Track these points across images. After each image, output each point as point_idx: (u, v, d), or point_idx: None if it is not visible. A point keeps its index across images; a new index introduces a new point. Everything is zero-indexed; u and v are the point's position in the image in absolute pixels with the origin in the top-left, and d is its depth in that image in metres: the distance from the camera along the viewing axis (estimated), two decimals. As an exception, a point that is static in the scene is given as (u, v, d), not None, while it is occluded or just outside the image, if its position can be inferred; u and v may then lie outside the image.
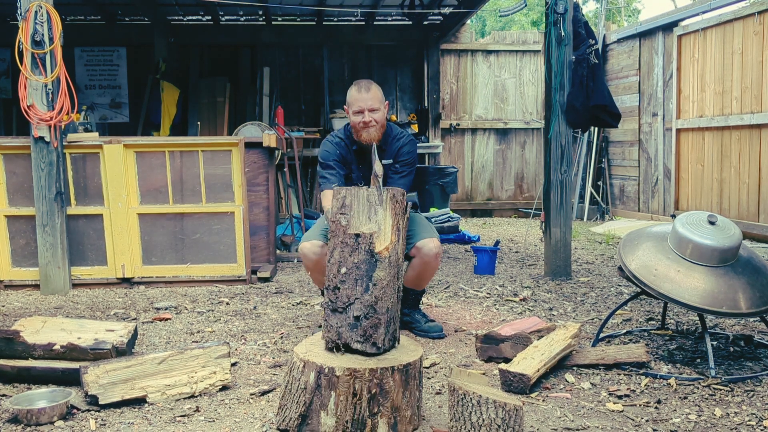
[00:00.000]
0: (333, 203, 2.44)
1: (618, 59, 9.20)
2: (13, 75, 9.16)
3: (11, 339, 2.87)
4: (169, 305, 4.33)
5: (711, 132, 7.31)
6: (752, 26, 6.66)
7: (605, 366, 3.03)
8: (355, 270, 2.36)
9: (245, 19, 9.60)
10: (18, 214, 4.86)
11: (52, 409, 2.50)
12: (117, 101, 9.49)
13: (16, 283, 4.90)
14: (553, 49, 4.93)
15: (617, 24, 13.14)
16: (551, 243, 5.09)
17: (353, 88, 3.54)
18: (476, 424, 2.12)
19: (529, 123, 9.89)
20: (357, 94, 3.50)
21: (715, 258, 3.00)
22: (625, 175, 9.09)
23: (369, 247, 2.35)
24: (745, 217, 6.77)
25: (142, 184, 4.96)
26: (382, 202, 2.40)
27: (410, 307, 3.73)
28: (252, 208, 5.30)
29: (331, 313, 2.40)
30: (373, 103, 3.48)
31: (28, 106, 4.59)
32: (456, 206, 9.55)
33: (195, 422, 2.49)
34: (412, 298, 3.73)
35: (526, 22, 21.79)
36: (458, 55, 9.82)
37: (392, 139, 3.64)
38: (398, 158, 3.61)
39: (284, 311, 4.21)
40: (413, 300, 3.74)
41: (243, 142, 5.00)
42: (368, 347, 2.35)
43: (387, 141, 3.62)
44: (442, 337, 3.60)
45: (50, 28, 4.59)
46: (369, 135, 3.51)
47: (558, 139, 5.00)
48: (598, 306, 4.26)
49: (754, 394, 2.74)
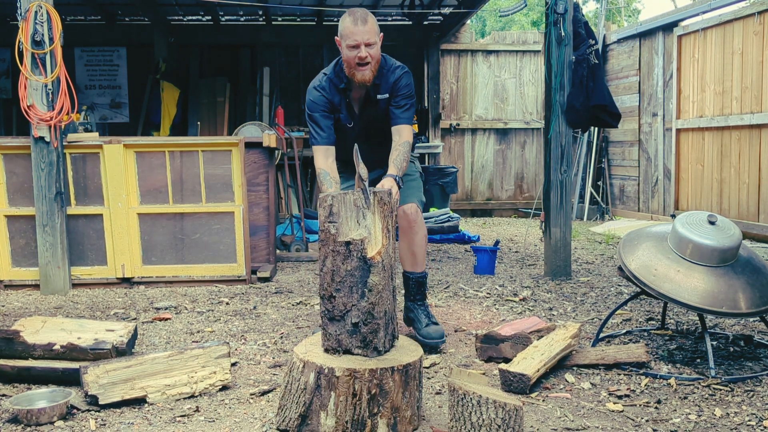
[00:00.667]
0: (320, 211, 2.37)
1: (618, 59, 9.20)
2: (13, 75, 9.16)
3: (11, 339, 2.87)
4: (169, 305, 4.33)
5: (711, 132, 7.31)
6: (752, 26, 6.66)
7: (605, 366, 3.03)
8: (349, 277, 2.35)
9: (245, 19, 9.60)
10: (18, 214, 4.86)
11: (52, 409, 2.50)
12: (117, 101, 9.49)
13: (16, 283, 4.90)
14: (553, 49, 4.93)
15: (617, 24, 13.15)
16: (551, 243, 5.09)
17: (348, 19, 3.19)
18: (476, 424, 2.12)
19: (529, 123, 9.89)
20: (353, 26, 3.16)
21: (715, 258, 3.00)
22: (625, 175, 9.09)
23: (361, 253, 2.33)
24: (745, 217, 6.77)
25: (142, 184, 4.96)
26: (370, 205, 2.39)
27: (413, 299, 3.44)
28: (252, 208, 5.30)
29: (329, 322, 2.40)
30: (370, 37, 3.16)
31: (28, 106, 4.60)
32: (456, 206, 9.55)
33: (195, 422, 2.50)
34: (412, 286, 3.43)
35: (526, 22, 21.79)
36: (458, 55, 9.82)
37: (387, 71, 3.35)
38: (396, 92, 3.34)
39: (284, 311, 4.21)
40: (416, 289, 3.42)
41: (243, 142, 5.00)
42: (369, 352, 2.36)
43: (381, 73, 3.33)
44: (438, 345, 3.31)
45: (50, 28, 4.59)
46: (363, 75, 3.23)
47: (558, 139, 5.00)
48: (598, 306, 4.26)
49: (754, 394, 2.74)
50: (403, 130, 3.31)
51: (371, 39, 3.18)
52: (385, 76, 3.36)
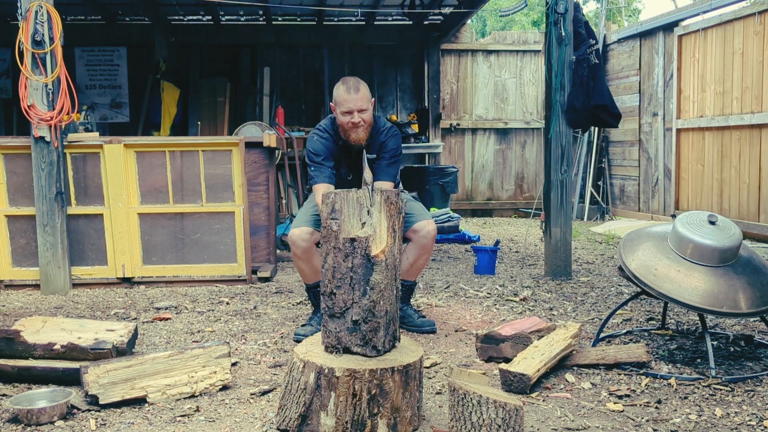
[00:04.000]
0: (322, 208, 2.41)
1: (618, 59, 9.20)
2: (13, 75, 9.16)
3: (12, 339, 2.87)
4: (170, 305, 4.33)
5: (711, 132, 7.31)
6: (752, 26, 6.66)
7: (605, 366, 3.03)
8: (350, 274, 2.34)
9: (245, 19, 9.60)
10: (18, 214, 4.86)
11: (53, 409, 2.50)
12: (117, 101, 9.49)
13: (16, 283, 4.90)
14: (553, 49, 4.93)
15: (617, 24, 13.15)
16: (551, 243, 5.09)
17: (341, 87, 3.52)
18: (476, 424, 2.12)
19: (529, 123, 9.89)
20: (346, 94, 3.48)
21: (716, 258, 3.00)
22: (626, 175, 9.09)
23: (365, 251, 2.33)
24: (746, 217, 6.77)
25: (142, 183, 4.96)
26: (374, 203, 2.39)
27: (402, 301, 3.71)
28: (252, 207, 5.30)
29: (329, 319, 2.39)
30: (362, 104, 3.48)
31: (28, 106, 4.60)
32: (456, 206, 9.55)
33: (195, 422, 2.50)
34: (404, 291, 3.70)
35: (527, 22, 21.79)
36: (458, 55, 9.82)
37: (377, 133, 3.66)
38: (383, 152, 3.64)
39: (284, 311, 4.21)
40: (405, 293, 3.73)
41: (243, 142, 5.00)
42: (368, 351, 2.35)
43: (371, 135, 3.64)
44: (434, 331, 3.67)
45: (50, 28, 4.59)
46: (357, 136, 3.55)
47: (558, 139, 5.00)
48: (598, 306, 4.26)
49: (755, 393, 2.74)
50: (383, 186, 3.57)
51: (363, 105, 3.49)
52: (375, 137, 3.66)
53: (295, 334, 3.55)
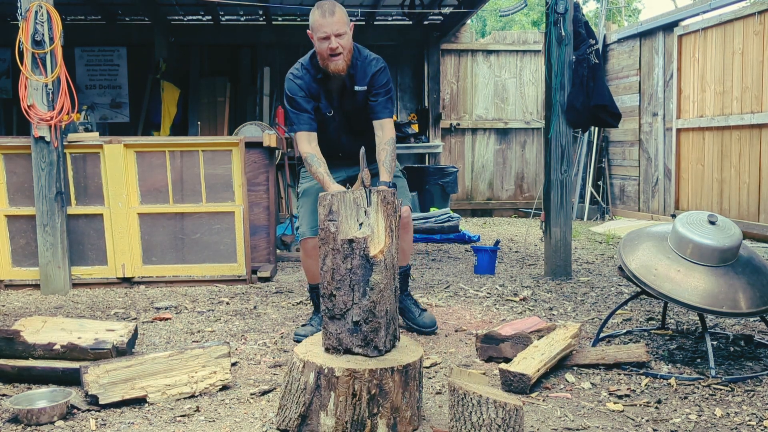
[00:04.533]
0: (319, 210, 2.39)
1: (618, 59, 9.20)
2: (13, 75, 9.16)
3: (11, 339, 2.87)
4: (170, 305, 4.33)
5: (711, 132, 7.31)
6: (752, 26, 6.66)
7: (605, 366, 3.03)
8: (349, 275, 2.34)
9: (245, 19, 9.60)
10: (18, 214, 4.86)
11: (53, 409, 2.50)
12: (117, 101, 9.50)
13: (16, 283, 4.90)
14: (553, 49, 4.93)
15: (617, 24, 13.14)
16: (551, 243, 5.09)
17: (316, 12, 3.28)
18: (476, 424, 2.12)
19: (529, 123, 9.89)
20: (321, 18, 3.25)
21: (716, 258, 3.00)
22: (626, 175, 9.09)
23: (364, 251, 2.33)
24: (746, 216, 6.77)
25: (142, 183, 4.96)
26: (371, 204, 2.39)
27: (401, 291, 3.58)
28: (252, 207, 5.30)
29: (330, 321, 2.39)
30: (339, 27, 3.24)
31: (28, 106, 4.60)
32: (456, 206, 9.55)
33: (195, 422, 2.50)
34: (400, 278, 3.54)
35: (527, 22, 21.79)
36: (458, 55, 9.82)
37: (362, 63, 3.44)
38: (375, 86, 3.44)
39: (284, 311, 4.21)
40: (402, 281, 3.58)
41: (243, 142, 5.00)
42: (370, 351, 2.35)
43: (356, 65, 3.42)
44: (435, 332, 3.62)
45: (50, 27, 4.59)
46: (336, 66, 3.31)
47: (558, 139, 5.00)
48: (598, 306, 4.26)
49: (755, 393, 2.74)
50: (385, 125, 3.41)
51: (341, 29, 3.26)
52: (360, 67, 3.44)
53: (295, 334, 3.55)
